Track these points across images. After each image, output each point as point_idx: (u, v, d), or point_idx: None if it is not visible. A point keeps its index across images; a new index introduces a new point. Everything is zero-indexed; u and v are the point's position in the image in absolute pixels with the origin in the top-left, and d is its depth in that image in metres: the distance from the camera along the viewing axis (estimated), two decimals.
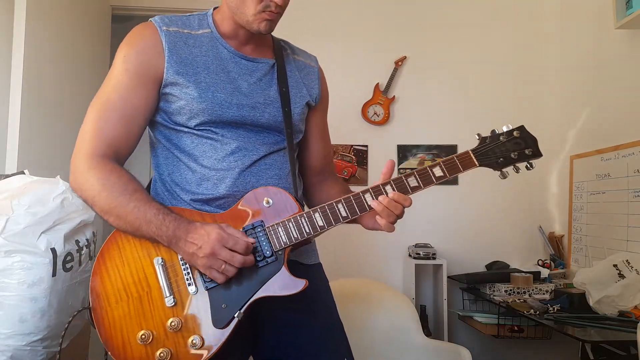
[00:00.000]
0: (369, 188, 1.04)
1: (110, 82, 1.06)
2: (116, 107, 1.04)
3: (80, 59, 2.52)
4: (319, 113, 1.28)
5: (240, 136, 1.09)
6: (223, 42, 1.12)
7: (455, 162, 1.05)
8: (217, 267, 0.95)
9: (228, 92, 1.08)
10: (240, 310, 0.98)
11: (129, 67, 1.05)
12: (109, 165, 1.02)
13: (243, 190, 1.06)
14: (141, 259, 1.02)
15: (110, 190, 0.99)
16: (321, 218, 1.03)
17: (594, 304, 1.98)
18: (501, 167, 1.07)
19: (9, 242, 1.20)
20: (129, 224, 0.99)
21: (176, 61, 1.06)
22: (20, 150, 1.96)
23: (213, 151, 1.07)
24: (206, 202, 1.07)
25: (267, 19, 1.06)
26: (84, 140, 1.03)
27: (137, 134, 1.08)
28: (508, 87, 2.99)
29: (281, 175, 1.12)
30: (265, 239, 1.02)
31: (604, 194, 2.40)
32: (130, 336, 0.98)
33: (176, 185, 1.09)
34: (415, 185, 1.04)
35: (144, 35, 1.08)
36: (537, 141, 1.07)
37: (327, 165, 1.31)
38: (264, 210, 1.04)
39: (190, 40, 1.10)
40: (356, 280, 2.53)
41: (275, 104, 1.13)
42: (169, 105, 1.07)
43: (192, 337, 0.97)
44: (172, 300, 0.99)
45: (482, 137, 1.07)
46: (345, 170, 2.93)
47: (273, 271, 1.01)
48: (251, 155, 1.09)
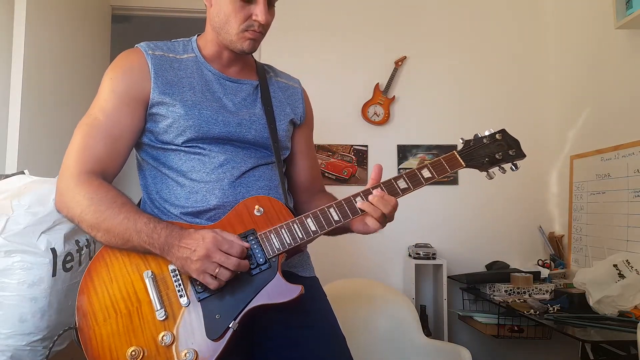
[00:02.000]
0: (360, 192, 1.05)
1: (97, 104, 1.08)
2: (103, 126, 1.05)
3: (80, 59, 2.52)
4: (304, 132, 1.29)
5: (227, 151, 1.10)
6: (207, 65, 1.15)
7: (442, 163, 1.09)
8: (211, 271, 0.94)
9: (214, 109, 1.09)
10: (235, 320, 0.96)
11: (116, 88, 1.07)
12: (96, 182, 1.02)
13: (233, 201, 1.06)
14: (130, 274, 1.00)
15: (99, 204, 0.98)
16: (313, 223, 1.03)
17: (594, 304, 1.98)
18: (487, 168, 1.12)
19: (9, 242, 1.20)
20: (119, 236, 0.98)
21: (162, 82, 1.07)
22: (20, 150, 1.96)
23: (201, 165, 1.08)
24: (196, 215, 1.06)
25: (250, 38, 1.09)
26: (70, 159, 1.04)
27: (124, 154, 1.09)
28: (508, 87, 2.99)
29: (271, 187, 1.13)
30: (257, 246, 1.01)
31: (604, 194, 2.40)
32: (120, 354, 0.95)
33: (165, 202, 1.09)
34: (405, 187, 1.06)
35: (130, 58, 1.10)
36: (519, 143, 1.12)
37: (315, 183, 1.32)
38: (255, 219, 1.04)
39: (175, 63, 1.12)
40: (356, 281, 2.53)
41: (261, 121, 1.14)
42: (155, 125, 1.08)
43: (184, 351, 0.94)
44: (163, 313, 0.97)
45: (466, 141, 1.12)
46: (345, 170, 2.93)
47: (267, 278, 0.99)
48: (240, 167, 1.09)
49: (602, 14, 2.40)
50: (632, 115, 2.24)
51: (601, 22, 2.43)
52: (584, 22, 2.67)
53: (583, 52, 2.67)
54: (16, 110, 1.96)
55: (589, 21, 2.61)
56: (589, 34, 2.61)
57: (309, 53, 2.95)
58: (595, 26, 2.53)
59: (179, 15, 3.07)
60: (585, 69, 2.65)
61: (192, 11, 3.02)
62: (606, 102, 2.45)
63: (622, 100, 2.32)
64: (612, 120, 2.40)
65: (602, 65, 2.50)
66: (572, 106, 2.75)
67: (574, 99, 2.75)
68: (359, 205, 1.03)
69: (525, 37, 3.02)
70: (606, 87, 2.46)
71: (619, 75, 2.35)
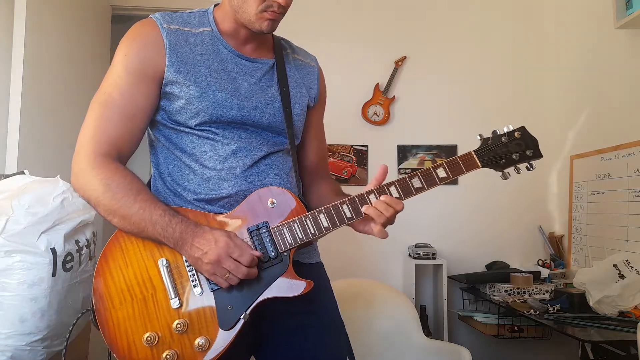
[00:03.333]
0: (373, 189, 1.03)
1: (110, 80, 1.05)
2: (117, 105, 1.03)
3: (80, 59, 2.52)
4: (316, 113, 1.27)
5: (240, 137, 1.08)
6: (223, 42, 1.11)
7: (459, 163, 1.05)
8: (221, 275, 0.96)
9: (229, 91, 1.07)
10: (246, 311, 0.98)
11: (130, 64, 1.04)
12: (112, 165, 1.00)
13: (246, 190, 1.06)
14: (145, 260, 1.01)
15: (115, 191, 0.98)
16: (326, 219, 1.03)
17: (594, 304, 1.98)
18: (503, 168, 1.07)
19: (9, 242, 1.20)
20: (134, 225, 0.98)
21: (177, 59, 1.05)
22: (20, 150, 1.96)
23: (214, 152, 1.07)
24: (209, 202, 1.06)
25: (269, 19, 1.05)
26: (85, 139, 1.02)
27: (139, 133, 1.07)
28: (508, 87, 2.99)
29: (282, 175, 1.11)
30: (269, 240, 1.02)
31: (604, 194, 2.40)
32: (136, 338, 0.97)
33: (178, 185, 1.08)
34: (419, 187, 1.04)
35: (144, 32, 1.06)
36: (537, 142, 1.07)
37: (321, 165, 1.30)
38: (269, 211, 1.04)
39: (190, 38, 1.09)
40: (356, 281, 2.53)
41: (276, 104, 1.12)
42: (169, 104, 1.06)
43: (198, 339, 0.97)
44: (177, 302, 0.99)
45: (484, 138, 1.07)
46: (345, 170, 2.93)
47: (278, 272, 1.01)
48: (252, 155, 1.08)
49: (602, 14, 2.40)
50: (632, 115, 2.24)
51: (601, 22, 2.43)
52: (584, 22, 2.67)
53: (583, 52, 2.67)
54: (16, 110, 1.96)
55: (589, 21, 2.61)
56: (589, 34, 2.61)
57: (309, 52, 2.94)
58: (595, 26, 2.53)
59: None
60: (585, 69, 2.65)
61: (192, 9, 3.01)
62: (606, 102, 2.45)
63: (622, 100, 2.32)
64: (612, 120, 2.40)
65: (602, 65, 2.49)
66: (572, 106, 2.75)
67: (574, 99, 2.75)
68: (364, 210, 1.02)
69: (525, 37, 3.02)
70: (606, 87, 2.46)
71: (619, 75, 2.35)
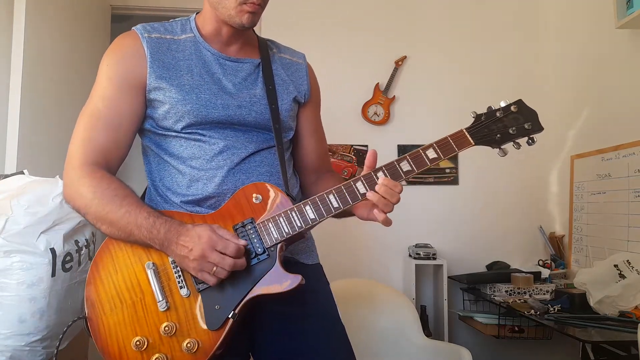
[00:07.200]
0: (361, 176, 1.00)
1: (96, 93, 1.07)
2: (103, 115, 1.04)
3: (80, 59, 2.52)
4: (310, 110, 1.25)
5: (227, 136, 1.08)
6: (206, 45, 1.12)
7: (449, 142, 1.01)
8: (208, 270, 0.94)
9: (213, 92, 1.07)
10: (235, 310, 0.96)
11: (113, 75, 1.06)
12: (98, 173, 1.02)
13: (233, 188, 1.05)
14: (133, 265, 1.01)
15: (101, 198, 0.99)
16: (312, 211, 1.00)
17: (594, 304, 1.97)
18: (499, 145, 1.02)
19: (8, 242, 1.19)
20: (121, 230, 0.98)
21: (158, 66, 1.06)
22: (20, 150, 1.96)
23: (201, 152, 1.07)
24: (197, 203, 1.06)
25: (249, 11, 1.05)
26: (74, 151, 1.04)
27: (127, 142, 1.08)
28: (508, 86, 2.98)
29: (272, 172, 1.10)
30: (256, 236, 1.00)
31: (605, 194, 2.39)
32: (126, 343, 0.97)
33: (167, 190, 1.09)
34: (408, 170, 1.00)
35: (126, 43, 1.08)
36: (537, 114, 1.02)
37: (322, 163, 1.28)
38: (254, 207, 1.02)
39: (173, 45, 1.10)
40: (356, 281, 2.53)
41: (262, 102, 1.11)
42: (154, 111, 1.07)
43: (186, 341, 0.96)
44: (164, 304, 0.98)
45: (477, 115, 1.04)
46: (345, 170, 2.93)
47: (266, 268, 0.98)
48: (240, 153, 1.08)
49: (603, 14, 2.40)
50: (632, 115, 2.24)
51: (602, 21, 2.43)
52: (584, 22, 2.67)
53: (583, 51, 2.67)
54: (16, 110, 1.96)
55: (589, 21, 2.61)
56: (589, 34, 2.61)
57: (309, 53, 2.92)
58: (596, 26, 2.52)
59: (179, 15, 3.05)
60: (585, 68, 2.65)
61: (192, 11, 3.02)
62: (606, 102, 2.45)
63: (623, 100, 2.32)
64: (612, 120, 2.40)
65: (602, 65, 2.49)
66: (572, 106, 2.75)
67: (574, 99, 2.75)
68: (368, 195, 0.98)
69: (525, 37, 3.02)
70: (606, 86, 2.45)
71: (620, 75, 2.35)
